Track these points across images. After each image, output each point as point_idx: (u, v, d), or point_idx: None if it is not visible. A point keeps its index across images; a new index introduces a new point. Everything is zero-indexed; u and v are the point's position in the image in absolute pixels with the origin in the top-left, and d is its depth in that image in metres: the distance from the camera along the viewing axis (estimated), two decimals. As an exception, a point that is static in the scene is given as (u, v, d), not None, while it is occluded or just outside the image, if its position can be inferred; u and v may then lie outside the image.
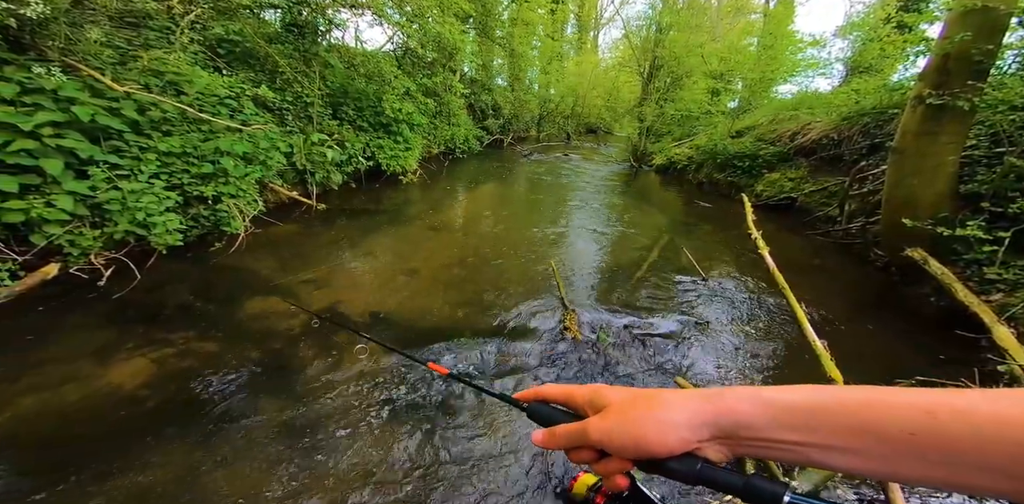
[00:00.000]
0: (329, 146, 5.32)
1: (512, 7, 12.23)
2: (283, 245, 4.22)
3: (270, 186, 4.72)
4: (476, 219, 5.85)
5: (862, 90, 6.71)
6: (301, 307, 3.07)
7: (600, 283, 3.88)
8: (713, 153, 8.36)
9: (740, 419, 0.33)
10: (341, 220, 5.05)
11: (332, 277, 3.63)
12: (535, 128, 15.91)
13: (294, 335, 2.77)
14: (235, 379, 2.36)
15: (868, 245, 4.74)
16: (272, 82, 5.06)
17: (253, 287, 3.35)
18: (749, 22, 17.14)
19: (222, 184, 3.86)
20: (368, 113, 6.33)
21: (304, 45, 5.54)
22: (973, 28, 3.44)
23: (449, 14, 6.44)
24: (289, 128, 5.07)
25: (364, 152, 6.09)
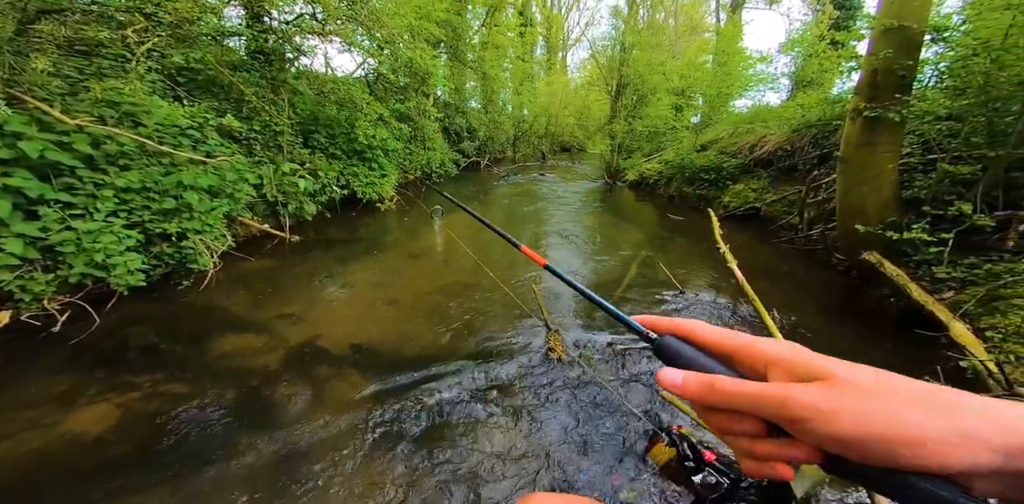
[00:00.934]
0: (301, 176, 5.30)
1: (482, 31, 12.70)
2: (256, 280, 4.11)
3: (239, 220, 4.63)
4: (455, 244, 5.86)
5: (807, 104, 7.18)
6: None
7: (582, 302, 3.91)
8: (681, 167, 8.70)
9: None
10: (317, 251, 4.97)
11: (310, 310, 3.54)
12: (511, 149, 16.24)
13: (272, 371, 2.70)
14: (209, 420, 2.26)
15: (828, 250, 4.96)
16: (238, 111, 5.02)
17: (225, 325, 3.24)
18: (704, 40, 18.25)
19: (186, 220, 3.77)
20: (341, 140, 6.36)
21: (271, 72, 5.57)
22: (894, 45, 3.79)
23: (420, 39, 6.65)
24: (258, 158, 5.02)
25: (338, 180, 6.07)
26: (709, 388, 0.32)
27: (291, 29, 5.66)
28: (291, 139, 5.49)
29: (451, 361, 2.85)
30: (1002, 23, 3.54)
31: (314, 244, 5.19)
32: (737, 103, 11.35)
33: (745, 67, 10.34)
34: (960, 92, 4.32)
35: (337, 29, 5.72)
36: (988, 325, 2.85)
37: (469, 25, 12.43)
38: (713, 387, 0.31)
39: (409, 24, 6.17)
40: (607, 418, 2.39)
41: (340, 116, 6.35)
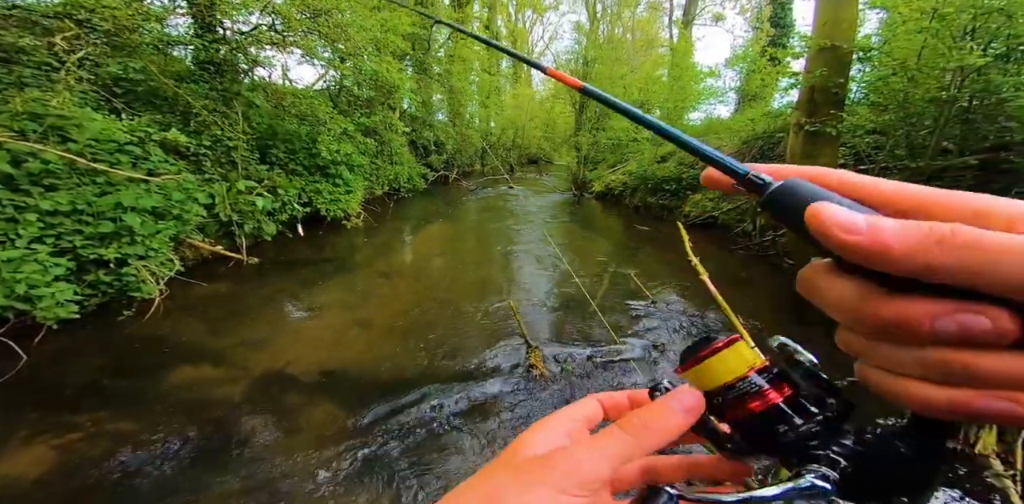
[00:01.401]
0: (259, 193, 5.03)
1: (448, 45, 12.80)
2: (211, 307, 3.82)
3: (188, 242, 4.31)
4: (428, 262, 5.74)
5: (755, 118, 7.72)
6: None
7: (559, 316, 3.92)
8: (644, 178, 9.03)
9: None
10: (279, 273, 4.70)
11: (275, 337, 3.33)
12: (479, 162, 16.32)
13: (236, 403, 2.51)
14: (167, 457, 2.08)
15: (780, 255, 5.28)
16: (185, 125, 4.71)
17: (177, 356, 3.00)
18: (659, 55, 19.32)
19: (127, 244, 3.46)
20: (302, 155, 6.12)
21: (223, 84, 5.31)
22: (828, 64, 4.14)
23: (386, 52, 6.58)
24: (208, 175, 4.72)
25: (300, 198, 5.82)
26: (946, 240, 0.16)
27: (246, 40, 5.45)
28: (246, 154, 5.22)
29: (432, 384, 2.75)
30: (915, 45, 3.96)
31: (275, 266, 4.90)
32: (691, 115, 12.02)
33: (697, 81, 11.00)
34: (883, 108, 4.80)
35: (298, 41, 5.58)
36: None
37: (435, 38, 12.52)
38: (956, 239, 0.16)
39: (374, 37, 6.12)
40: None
41: (301, 130, 6.13)
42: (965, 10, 3.51)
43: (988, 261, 0.16)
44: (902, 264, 0.17)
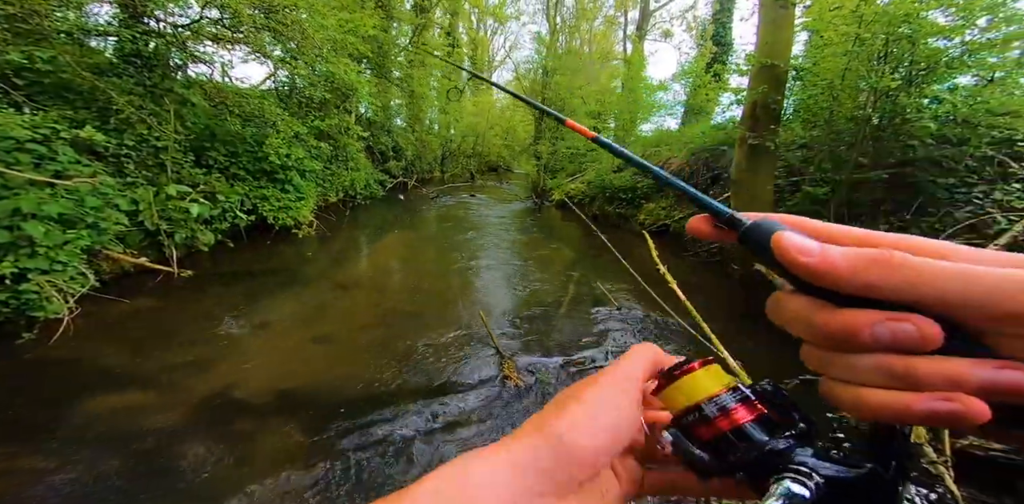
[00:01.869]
0: (193, 200, 4.57)
1: (408, 49, 12.57)
2: (135, 326, 3.40)
3: (105, 254, 3.79)
4: (389, 272, 5.49)
5: (706, 131, 8.23)
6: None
7: (528, 325, 3.88)
8: (601, 187, 9.31)
9: None
10: (218, 287, 4.28)
11: (217, 357, 3.01)
12: (439, 169, 16.09)
13: (173, 432, 2.24)
14: (92, 494, 1.83)
15: (726, 262, 5.62)
16: (103, 122, 4.20)
17: (97, 382, 2.64)
18: (614, 67, 20.23)
19: (25, 257, 2.99)
20: (245, 159, 5.67)
21: (151, 79, 4.81)
22: (767, 81, 4.49)
23: (343, 54, 6.30)
24: (131, 179, 4.22)
25: (243, 204, 5.36)
26: (882, 263, 0.20)
27: (183, 34, 4.99)
28: (178, 157, 4.74)
29: (402, 401, 2.60)
30: (840, 66, 4.39)
31: (213, 279, 4.45)
32: (644, 127, 12.63)
33: (649, 94, 11.60)
34: (813, 125, 5.29)
35: (247, 37, 5.19)
36: None
37: (395, 42, 12.26)
38: (893, 263, 0.20)
39: (332, 37, 5.84)
40: None
41: (245, 132, 5.68)
42: (879, 35, 3.94)
43: (915, 279, 0.20)
44: (846, 281, 0.21)
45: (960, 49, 3.80)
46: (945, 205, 3.99)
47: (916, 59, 3.91)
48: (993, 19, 3.64)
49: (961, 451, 2.09)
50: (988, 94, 4.00)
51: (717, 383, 0.28)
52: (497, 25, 24.27)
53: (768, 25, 4.51)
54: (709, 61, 11.08)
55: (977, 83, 4.30)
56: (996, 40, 3.66)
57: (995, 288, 0.19)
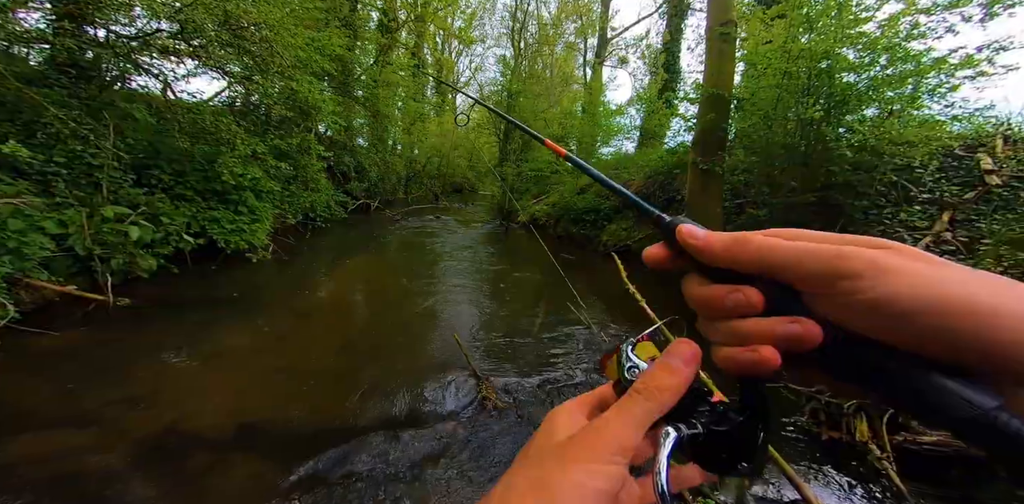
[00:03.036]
0: (133, 222, 4.21)
1: (373, 69, 12.58)
2: (64, 360, 3.04)
3: (26, 282, 3.37)
4: (353, 298, 5.26)
5: (662, 155, 8.77)
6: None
7: (503, 347, 3.84)
8: (566, 208, 9.57)
9: None
10: (161, 316, 3.90)
11: (161, 391, 2.74)
12: (402, 190, 15.92)
13: (115, 472, 2.03)
14: None
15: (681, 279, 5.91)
16: (28, 136, 3.86)
17: (22, 422, 2.36)
18: (575, 91, 21.26)
19: (-74, 289, 2.60)
20: (194, 179, 5.33)
21: (87, 91, 4.48)
22: (715, 109, 4.91)
23: (306, 72, 6.19)
24: (60, 199, 3.85)
25: (189, 227, 4.99)
26: (741, 242, 0.27)
27: (129, 45, 4.73)
28: (116, 175, 4.38)
29: (374, 431, 2.47)
30: (773, 98, 4.90)
31: (156, 307, 4.06)
32: (603, 150, 13.28)
33: (607, 118, 12.27)
34: (752, 151, 5.81)
35: (205, 51, 4.99)
36: None
37: (360, 61, 12.24)
38: (748, 241, 0.27)
39: (297, 55, 5.74)
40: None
41: (195, 150, 5.37)
42: (803, 70, 4.45)
43: (760, 254, 0.26)
44: (719, 257, 0.28)
45: (866, 84, 4.38)
46: (861, 225, 4.46)
47: (833, 92, 4.45)
48: (890, 58, 4.24)
49: (900, 447, 2.28)
50: (889, 125, 4.60)
51: (644, 356, 0.34)
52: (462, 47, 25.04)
53: (713, 57, 4.99)
54: (661, 88, 11.96)
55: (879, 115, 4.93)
56: (893, 76, 4.26)
57: (796, 257, 0.25)
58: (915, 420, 2.24)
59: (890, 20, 4.24)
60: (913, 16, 4.20)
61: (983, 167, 4.50)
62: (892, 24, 4.22)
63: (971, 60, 4.00)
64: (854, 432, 2.46)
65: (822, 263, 0.24)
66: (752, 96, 5.24)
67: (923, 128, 4.61)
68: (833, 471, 2.35)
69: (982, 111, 4.61)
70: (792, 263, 0.25)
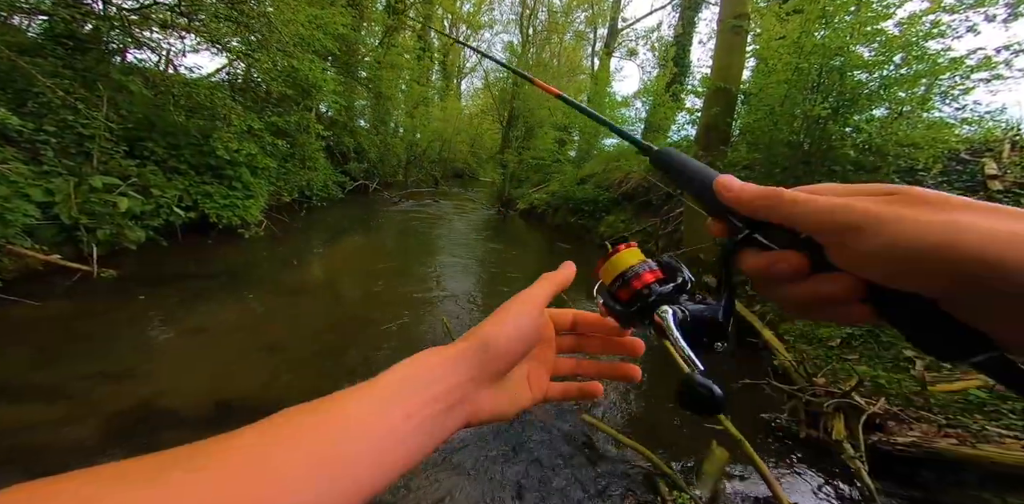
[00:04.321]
0: (123, 193, 4.17)
1: (378, 50, 12.32)
2: (42, 330, 3.03)
3: (8, 249, 3.35)
4: (346, 277, 5.25)
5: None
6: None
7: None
8: (565, 198, 9.50)
9: None
10: (146, 289, 3.88)
11: (138, 366, 2.72)
12: (402, 173, 15.79)
13: (89, 446, 2.03)
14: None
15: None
16: (19, 105, 3.81)
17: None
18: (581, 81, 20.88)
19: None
20: (188, 152, 5.27)
21: (84, 62, 4.40)
22: (720, 104, 4.78)
23: (309, 50, 6.05)
24: (48, 168, 3.81)
25: (180, 200, 4.95)
26: (775, 196, 0.28)
27: (129, 17, 4.61)
28: (107, 146, 4.32)
29: None
30: (781, 94, 4.78)
31: (141, 280, 4.05)
32: (606, 141, 13.09)
33: (612, 109, 12.06)
34: (755, 147, 5.70)
35: (203, 27, 4.87)
36: (784, 331, 3.62)
37: (365, 41, 11.98)
38: (782, 196, 0.27)
39: (299, 32, 5.60)
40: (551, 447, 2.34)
41: (190, 124, 5.29)
42: (815, 66, 4.32)
43: (790, 209, 0.27)
44: (749, 208, 0.29)
45: (878, 83, 4.26)
46: (861, 227, 4.38)
47: (843, 90, 4.34)
48: (906, 57, 4.11)
49: (873, 447, 2.29)
50: (896, 126, 4.50)
51: (634, 259, 0.38)
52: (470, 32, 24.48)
53: (723, 50, 4.84)
54: (669, 81, 11.72)
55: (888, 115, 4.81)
56: (907, 76, 4.14)
57: (809, 211, 0.26)
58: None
59: (911, 18, 4.09)
60: (936, 14, 4.05)
61: (986, 172, 4.42)
62: (913, 22, 4.07)
63: (989, 62, 3.88)
64: (831, 431, 2.48)
65: (826, 216, 0.25)
66: (760, 91, 5.11)
67: (930, 130, 4.50)
68: (807, 469, 2.36)
69: (993, 114, 4.49)
70: (809, 217, 0.26)
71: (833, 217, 0.24)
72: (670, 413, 2.79)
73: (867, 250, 0.23)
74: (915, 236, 0.21)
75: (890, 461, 2.26)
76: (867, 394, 2.56)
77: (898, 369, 2.72)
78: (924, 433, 2.29)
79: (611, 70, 18.65)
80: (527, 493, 2.04)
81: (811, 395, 2.65)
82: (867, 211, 0.23)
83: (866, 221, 0.23)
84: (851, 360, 2.88)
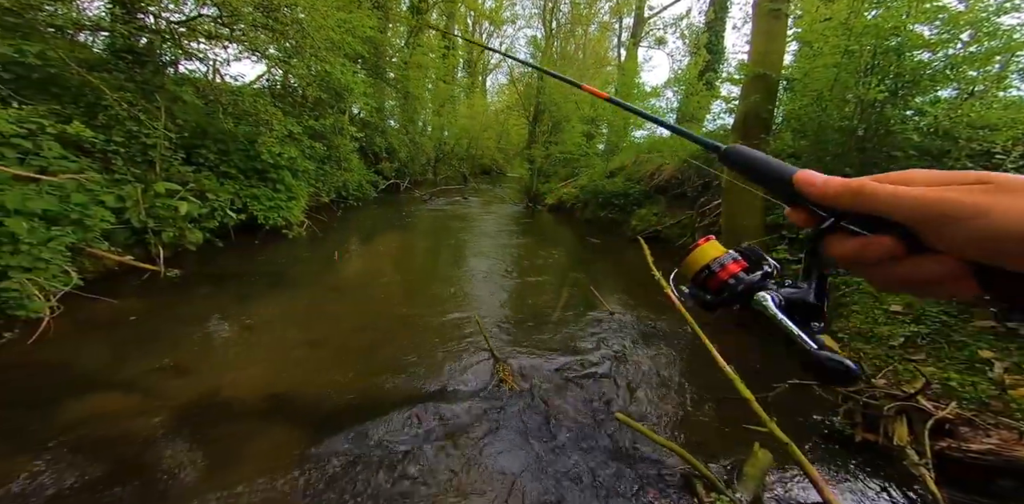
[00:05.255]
0: (182, 198, 4.48)
1: (404, 50, 12.55)
2: (117, 326, 3.31)
3: (89, 252, 3.69)
4: (381, 274, 5.43)
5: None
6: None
7: (522, 329, 3.86)
8: (594, 192, 9.35)
9: None
10: (205, 287, 4.19)
11: (202, 359, 2.94)
12: (431, 171, 16.04)
13: (159, 436, 2.20)
14: (79, 500, 1.79)
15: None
16: (90, 118, 4.12)
17: (77, 384, 2.56)
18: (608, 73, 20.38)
19: (8, 254, 2.89)
20: (237, 157, 5.59)
21: (142, 75, 4.73)
22: (760, 91, 4.54)
23: (340, 54, 6.26)
24: (119, 176, 4.14)
25: (232, 203, 5.27)
26: (857, 188, 0.30)
27: (178, 30, 4.93)
28: (167, 154, 4.65)
29: (395, 407, 2.57)
30: (830, 77, 4.49)
31: (201, 279, 4.36)
32: (636, 133, 12.74)
33: (641, 100, 11.70)
34: (802, 135, 5.40)
35: (243, 36, 5.14)
36: (837, 328, 3.44)
37: (391, 43, 12.22)
38: (863, 188, 0.30)
39: (329, 37, 5.80)
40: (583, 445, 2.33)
41: (238, 130, 5.60)
42: (867, 47, 4.04)
43: (878, 202, 0.29)
44: (834, 201, 0.31)
45: (943, 62, 3.93)
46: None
47: (901, 71, 4.03)
48: (976, 34, 3.77)
49: (941, 453, 2.15)
50: (968, 107, 4.13)
51: (716, 251, 0.41)
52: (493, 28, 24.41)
53: (761, 35, 4.59)
54: (702, 69, 11.24)
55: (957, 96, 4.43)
56: (978, 54, 3.80)
57: (903, 204, 0.28)
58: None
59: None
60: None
61: (1073, 154, 3.99)
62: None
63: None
64: (892, 435, 2.35)
65: (921, 208, 0.27)
66: (805, 76, 4.81)
67: (1008, 110, 4.10)
68: (862, 475, 2.25)
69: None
70: (903, 209, 0.28)
71: (929, 208, 0.26)
72: (708, 413, 2.73)
73: (967, 236, 0.25)
74: (1015, 223, 0.24)
75: (961, 469, 2.12)
76: (935, 397, 2.41)
77: (973, 371, 2.53)
78: (1003, 440, 2.13)
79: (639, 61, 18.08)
80: (559, 492, 2.04)
81: (869, 397, 2.52)
82: (963, 202, 0.25)
83: (964, 211, 0.25)
84: (916, 360, 2.70)
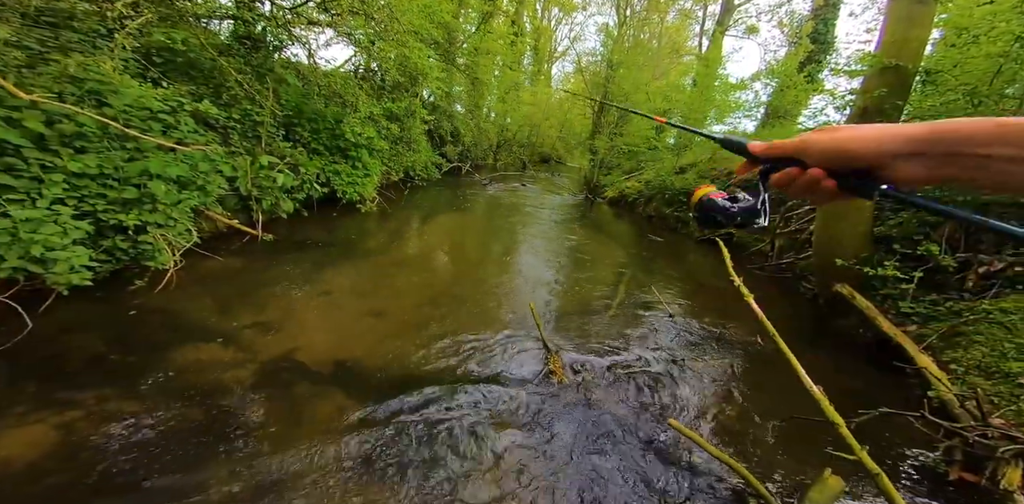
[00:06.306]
0: (280, 170, 4.94)
1: (475, 36, 12.63)
2: (222, 282, 3.75)
3: (207, 214, 4.23)
4: (441, 254, 5.66)
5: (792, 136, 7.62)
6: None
7: (575, 322, 3.85)
8: (661, 188, 8.95)
9: (962, 134, 0.39)
10: (291, 253, 4.62)
11: (285, 320, 3.25)
12: (492, 156, 16.19)
13: (244, 388, 2.45)
14: (170, 445, 2.01)
15: (797, 278, 5.23)
16: (216, 97, 4.63)
17: (186, 333, 2.91)
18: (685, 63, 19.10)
19: (148, 212, 3.38)
20: (325, 136, 6.03)
21: (256, 59, 5.21)
22: (888, 84, 3.93)
23: (417, 39, 6.48)
24: (234, 149, 4.64)
25: (318, 177, 5.73)
26: (771, 146, 0.54)
27: (286, 15, 5.35)
28: (272, 130, 5.13)
29: (446, 384, 2.69)
30: (990, 69, 3.83)
31: (288, 244, 4.83)
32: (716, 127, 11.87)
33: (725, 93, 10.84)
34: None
35: (339, 20, 5.48)
36: (950, 359, 3.07)
37: (463, 29, 12.34)
38: (773, 145, 0.54)
39: (412, 22, 6.02)
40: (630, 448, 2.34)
41: (328, 111, 6.03)
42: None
43: (773, 151, 0.54)
44: (764, 154, 0.55)
45: None
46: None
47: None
48: None
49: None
50: None
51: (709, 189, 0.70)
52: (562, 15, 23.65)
53: (899, 22, 3.94)
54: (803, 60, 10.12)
55: None
56: None
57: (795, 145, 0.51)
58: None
59: None
60: None
61: None
62: None
63: None
64: (1000, 478, 2.11)
65: (797, 147, 0.50)
66: (954, 68, 4.14)
67: None
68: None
69: None
70: (790, 151, 0.51)
71: (798, 146, 0.50)
72: (772, 433, 2.58)
73: (815, 153, 0.48)
74: (826, 143, 0.47)
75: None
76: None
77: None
78: None
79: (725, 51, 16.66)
80: (599, 490, 2.03)
81: (979, 435, 2.26)
82: (808, 139, 0.49)
83: (809, 143, 0.49)
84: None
